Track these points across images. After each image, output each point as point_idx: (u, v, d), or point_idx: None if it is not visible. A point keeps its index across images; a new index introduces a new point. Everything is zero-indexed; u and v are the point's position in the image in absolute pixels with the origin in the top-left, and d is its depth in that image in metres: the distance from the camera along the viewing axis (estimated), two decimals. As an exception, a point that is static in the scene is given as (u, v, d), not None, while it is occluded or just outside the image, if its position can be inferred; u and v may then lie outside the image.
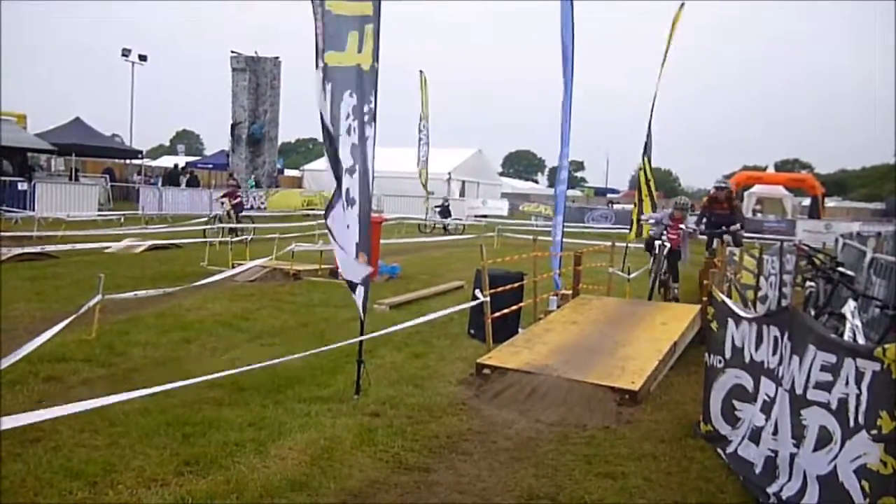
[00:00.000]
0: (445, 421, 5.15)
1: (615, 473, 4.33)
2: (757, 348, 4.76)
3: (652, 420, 5.38)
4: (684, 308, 8.62)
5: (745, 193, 38.06)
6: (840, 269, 7.52)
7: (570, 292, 9.37)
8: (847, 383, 3.45)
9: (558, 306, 8.86)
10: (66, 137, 28.48)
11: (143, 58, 39.37)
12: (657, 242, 10.22)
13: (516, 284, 8.11)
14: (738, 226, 11.69)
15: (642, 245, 11.60)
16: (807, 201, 39.97)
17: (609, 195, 58.14)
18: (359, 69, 5.43)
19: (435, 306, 8.26)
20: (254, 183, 34.63)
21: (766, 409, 4.37)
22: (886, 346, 3.26)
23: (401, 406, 5.40)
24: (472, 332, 7.96)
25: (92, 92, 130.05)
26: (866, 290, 7.65)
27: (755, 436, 4.39)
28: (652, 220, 10.84)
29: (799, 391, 3.85)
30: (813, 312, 7.00)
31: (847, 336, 5.53)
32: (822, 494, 3.52)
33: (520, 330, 7.73)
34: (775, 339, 4.49)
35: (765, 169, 43.50)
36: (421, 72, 24.06)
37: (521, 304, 8.13)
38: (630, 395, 5.65)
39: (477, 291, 7.31)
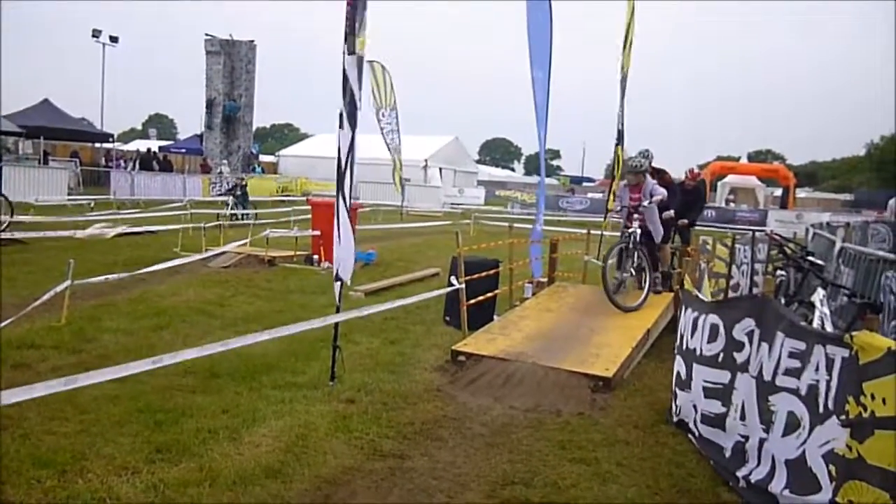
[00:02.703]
0: (421, 407, 5.16)
1: (589, 459, 4.37)
2: (692, 335, 4.85)
3: (625, 406, 5.43)
4: (660, 297, 8.69)
5: (719, 183, 38.62)
6: (810, 258, 7.63)
7: (545, 280, 9.41)
8: (817, 369, 3.52)
9: (533, 293, 8.90)
10: (34, 120, 27.91)
11: (114, 39, 38.66)
12: (627, 231, 8.18)
13: (492, 271, 8.13)
14: (671, 212, 9.04)
15: (619, 234, 8.97)
16: (779, 191, 40.60)
17: (584, 184, 58.50)
18: (361, 55, 5.50)
19: (411, 293, 8.23)
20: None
21: (714, 394, 4.47)
22: (854, 332, 3.33)
23: (376, 392, 5.40)
24: (447, 318, 7.97)
25: (61, 73, 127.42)
26: (835, 279, 7.79)
27: (717, 421, 4.47)
28: (617, 208, 8.67)
29: (767, 377, 3.92)
30: (783, 300, 7.10)
31: (816, 324, 5.63)
32: (790, 478, 3.59)
33: (495, 317, 7.75)
34: (713, 326, 4.59)
35: (738, 159, 44.08)
36: (371, 62, 23.41)
37: (497, 292, 8.15)
38: (604, 381, 5.71)
39: (452, 278, 7.31)
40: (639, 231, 8.12)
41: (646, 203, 8.15)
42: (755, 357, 4.11)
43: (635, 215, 8.21)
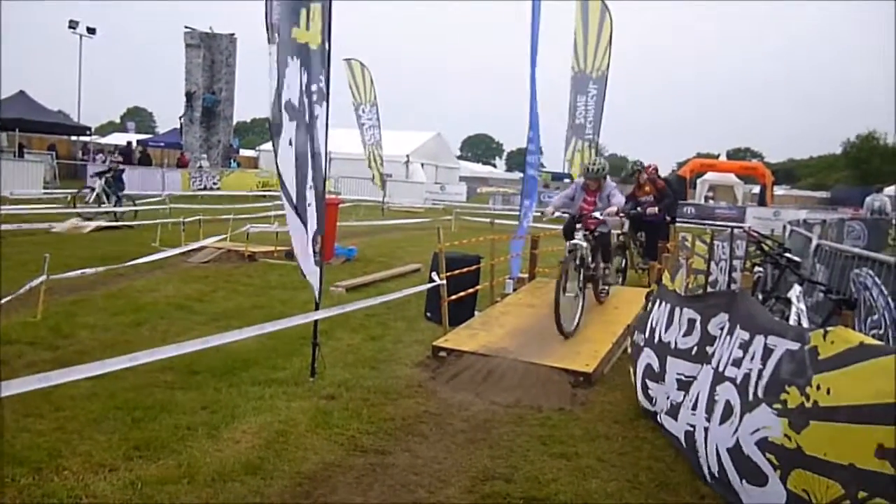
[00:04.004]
0: (401, 403, 5.15)
1: (569, 454, 4.39)
2: (667, 329, 4.89)
3: (605, 401, 5.47)
4: (637, 292, 8.76)
5: (698, 181, 38.95)
6: (787, 254, 7.70)
7: (526, 276, 9.43)
8: (753, 358, 3.62)
9: (514, 289, 8.92)
10: (9, 111, 27.42)
11: (91, 30, 38.08)
12: (570, 242, 7.35)
13: (473, 267, 8.14)
14: (655, 209, 9.85)
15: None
16: (757, 189, 41.00)
17: (565, 180, 58.70)
18: (307, 47, 5.33)
19: (392, 289, 8.21)
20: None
21: (685, 386, 4.52)
22: (829, 328, 3.36)
23: (356, 388, 5.38)
24: (428, 314, 7.96)
25: (37, 65, 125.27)
26: (811, 276, 7.88)
27: (673, 411, 4.54)
28: (555, 214, 8.02)
29: (721, 368, 3.99)
30: (761, 296, 7.17)
31: (792, 319, 5.69)
32: (737, 467, 3.58)
33: (476, 313, 7.77)
34: (690, 320, 4.63)
35: (717, 157, 44.45)
36: (348, 60, 23.42)
37: (478, 287, 8.16)
38: (584, 377, 5.74)
39: (434, 274, 7.31)
40: (584, 244, 7.27)
41: (598, 215, 7.56)
42: (720, 349, 4.17)
43: (579, 224, 7.53)
